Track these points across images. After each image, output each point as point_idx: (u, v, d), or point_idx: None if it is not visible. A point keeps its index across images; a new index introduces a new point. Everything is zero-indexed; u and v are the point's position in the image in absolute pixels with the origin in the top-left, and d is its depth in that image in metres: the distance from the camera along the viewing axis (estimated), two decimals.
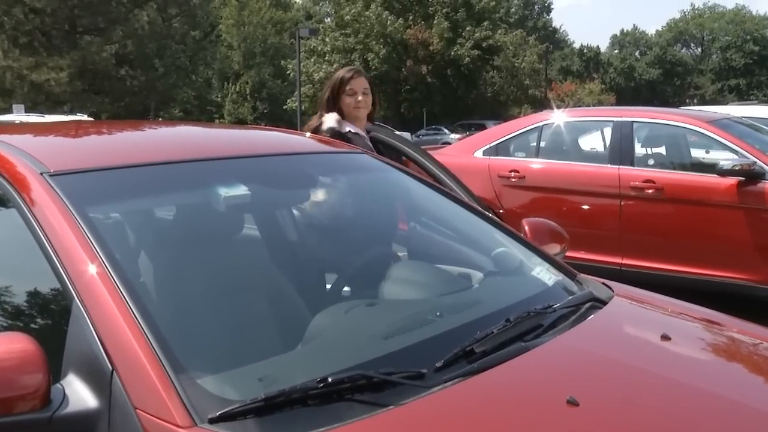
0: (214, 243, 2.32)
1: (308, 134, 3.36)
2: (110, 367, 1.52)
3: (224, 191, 2.21)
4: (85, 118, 18.61)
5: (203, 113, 54.48)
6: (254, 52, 57.71)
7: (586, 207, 6.34)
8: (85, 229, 1.76)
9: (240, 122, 51.66)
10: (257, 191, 2.44)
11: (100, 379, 1.52)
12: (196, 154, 2.36)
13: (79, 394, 1.53)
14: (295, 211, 2.86)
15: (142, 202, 2.22)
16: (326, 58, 45.16)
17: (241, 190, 2.30)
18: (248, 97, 55.92)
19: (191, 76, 45.55)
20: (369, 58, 44.11)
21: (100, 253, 1.70)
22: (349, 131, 4.01)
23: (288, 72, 48.18)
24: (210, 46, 47.68)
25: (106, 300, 1.62)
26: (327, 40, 45.13)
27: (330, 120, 4.03)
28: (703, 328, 2.36)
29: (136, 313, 1.59)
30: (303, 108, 41.54)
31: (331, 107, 4.10)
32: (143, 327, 1.57)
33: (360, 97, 4.08)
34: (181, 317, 1.89)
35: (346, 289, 2.40)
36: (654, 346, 2.01)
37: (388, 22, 44.14)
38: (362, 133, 4.08)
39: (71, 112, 26.83)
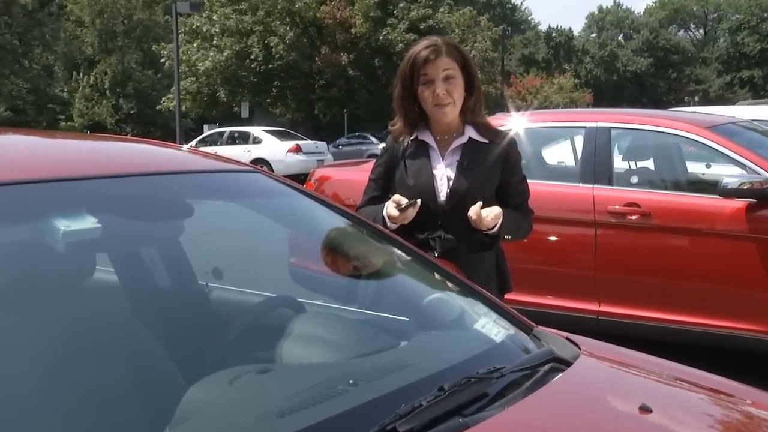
0: (49, 294, 2.29)
1: (186, 147, 3.34)
2: None
3: (64, 224, 2.18)
4: None
5: (42, 113, 53.42)
6: (115, 32, 57.05)
7: (552, 239, 6.41)
8: None
9: (96, 127, 50.97)
10: (114, 224, 2.42)
11: None
12: (25, 173, 2.28)
13: None
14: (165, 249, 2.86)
15: None
16: (214, 42, 45.01)
17: (89, 222, 2.27)
18: (107, 92, 55.17)
19: (22, 62, 44.65)
20: (272, 44, 44.13)
21: None
22: (408, 142, 3.54)
23: (162, 60, 47.77)
24: (50, 22, 46.95)
25: None
26: (215, 18, 44.98)
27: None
28: (700, 397, 2.37)
29: None
30: (184, 108, 41.26)
31: (407, 107, 3.52)
32: None
33: (439, 88, 3.40)
34: None
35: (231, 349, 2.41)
36: (630, 420, 2.06)
37: None
38: (432, 144, 3.53)
39: None
